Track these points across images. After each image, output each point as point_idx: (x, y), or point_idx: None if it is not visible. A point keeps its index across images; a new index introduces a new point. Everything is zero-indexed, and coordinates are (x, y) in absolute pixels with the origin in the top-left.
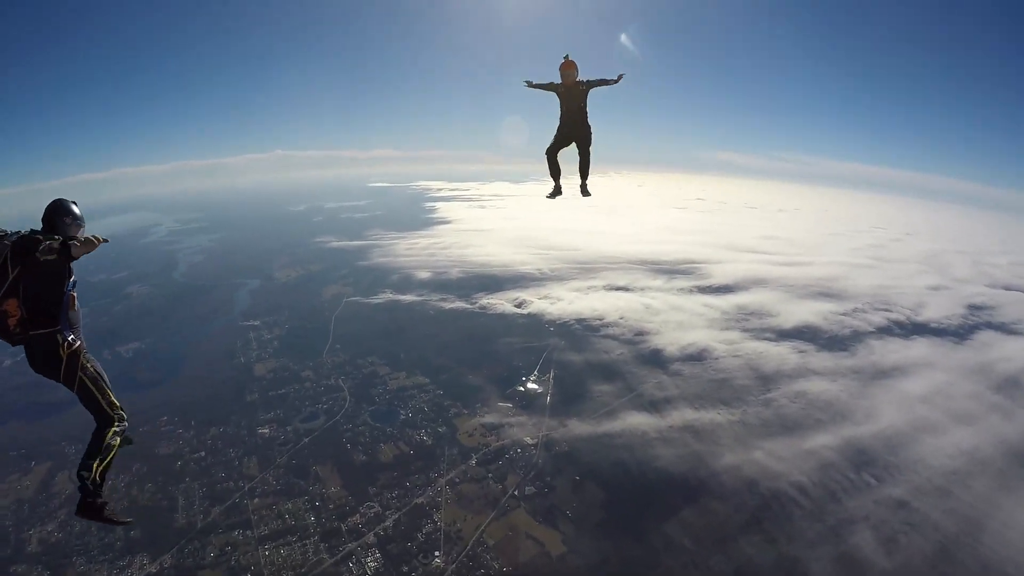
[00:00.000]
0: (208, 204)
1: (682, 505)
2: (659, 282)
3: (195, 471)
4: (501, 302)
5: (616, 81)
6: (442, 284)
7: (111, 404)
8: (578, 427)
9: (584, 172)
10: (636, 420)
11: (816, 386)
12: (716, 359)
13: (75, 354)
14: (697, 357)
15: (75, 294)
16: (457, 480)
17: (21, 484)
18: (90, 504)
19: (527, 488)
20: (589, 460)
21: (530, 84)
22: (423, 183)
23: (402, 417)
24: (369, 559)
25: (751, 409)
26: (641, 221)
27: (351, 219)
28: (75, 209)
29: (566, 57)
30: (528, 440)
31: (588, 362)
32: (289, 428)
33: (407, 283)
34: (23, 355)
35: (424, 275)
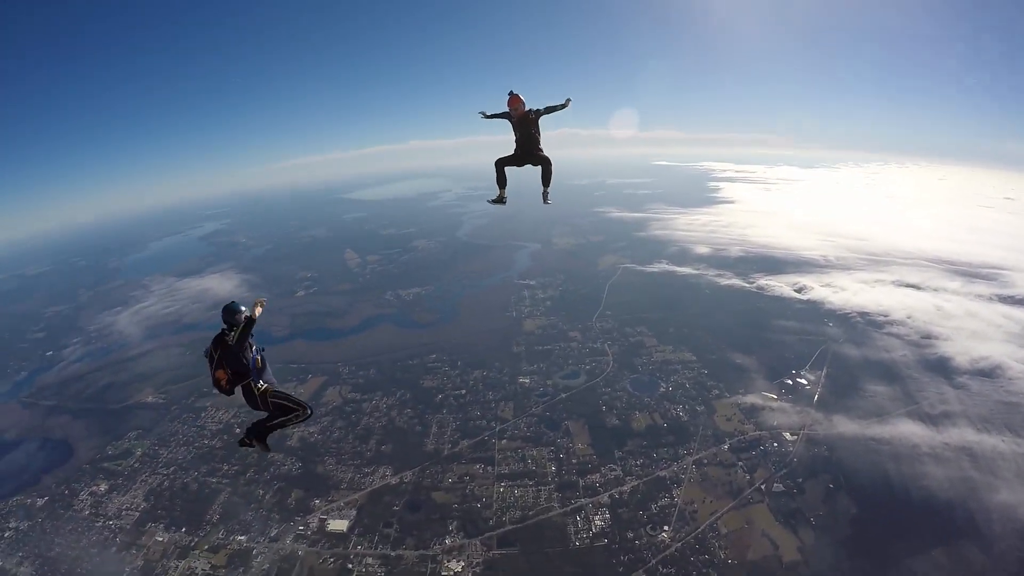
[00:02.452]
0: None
1: (938, 541)
2: (955, 284)
3: (453, 406)
4: (780, 284)
5: (565, 105)
6: (720, 260)
7: (298, 403)
8: (844, 425)
9: (546, 181)
10: (909, 430)
11: None
12: (1011, 379)
13: (264, 393)
14: (989, 373)
15: (260, 356)
16: (705, 461)
17: (296, 392)
18: (252, 436)
19: (775, 485)
20: (849, 463)
21: (484, 115)
22: (707, 164)
23: (662, 390)
24: (597, 517)
25: None
26: (941, 217)
27: (632, 195)
28: (234, 306)
29: (510, 93)
30: (787, 436)
31: (866, 359)
32: (549, 382)
33: (684, 256)
34: (315, 289)
35: (703, 250)
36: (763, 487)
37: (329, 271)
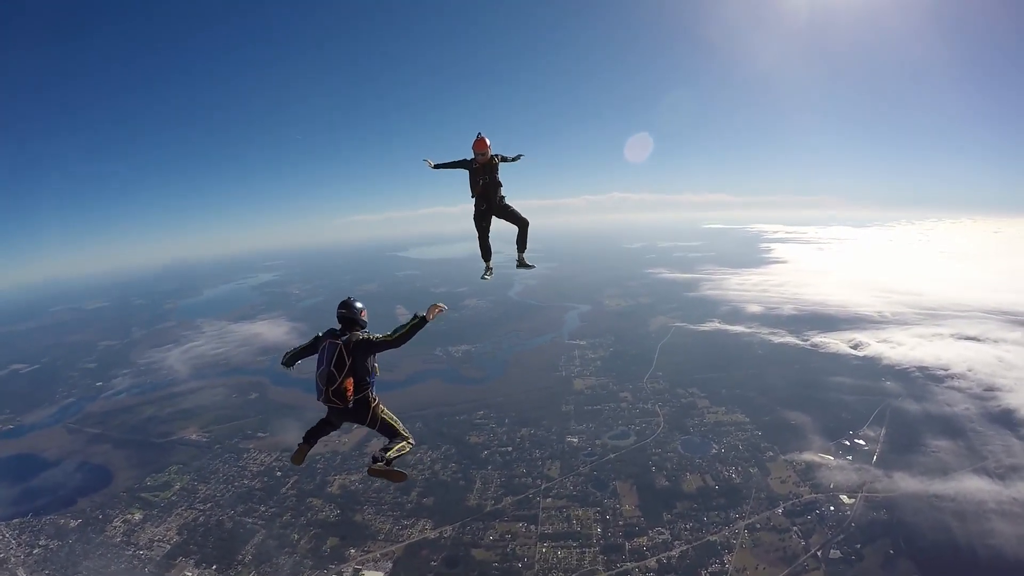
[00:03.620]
0: (546, 238)
1: None
2: (1017, 334)
3: (498, 462)
4: (835, 341)
5: (516, 159)
6: (773, 319)
7: (404, 429)
8: (905, 482)
9: (522, 244)
10: (974, 485)
11: None
12: None
13: (377, 405)
14: None
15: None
16: (758, 526)
17: (341, 440)
18: (378, 466)
19: (832, 551)
20: (911, 524)
21: (431, 164)
22: (759, 226)
23: (714, 451)
24: None
25: None
26: (998, 269)
27: (683, 257)
28: (358, 304)
29: (479, 135)
30: (845, 499)
31: (927, 413)
32: (597, 442)
33: (736, 315)
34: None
35: (755, 309)
36: (819, 553)
37: (379, 325)
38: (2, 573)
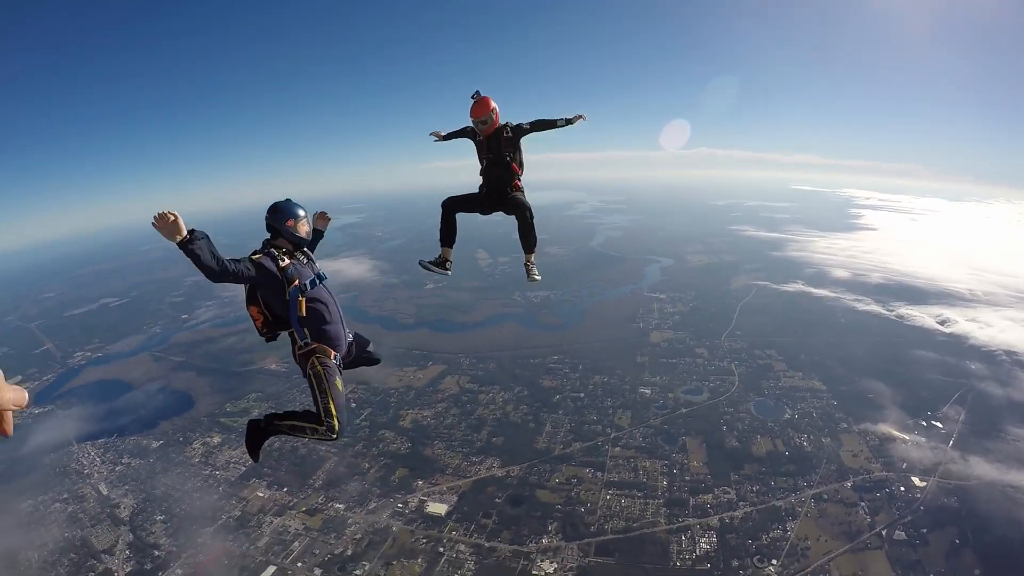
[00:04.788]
0: (630, 190)
1: None
2: None
3: (570, 408)
4: (922, 315)
5: (571, 122)
6: (859, 285)
7: (326, 410)
8: (980, 467)
9: (527, 243)
10: None
11: None
12: None
13: (305, 355)
14: None
15: (303, 298)
16: (825, 497)
17: (415, 376)
18: (254, 433)
19: (897, 532)
20: (981, 514)
21: (439, 136)
22: (849, 191)
23: (787, 416)
24: (703, 540)
25: None
26: None
27: (771, 217)
28: (299, 211)
29: (476, 95)
30: (917, 481)
31: (1011, 400)
32: (670, 395)
33: (822, 278)
34: (444, 283)
35: (841, 274)
36: (884, 532)
37: (459, 268)
38: (85, 487)
